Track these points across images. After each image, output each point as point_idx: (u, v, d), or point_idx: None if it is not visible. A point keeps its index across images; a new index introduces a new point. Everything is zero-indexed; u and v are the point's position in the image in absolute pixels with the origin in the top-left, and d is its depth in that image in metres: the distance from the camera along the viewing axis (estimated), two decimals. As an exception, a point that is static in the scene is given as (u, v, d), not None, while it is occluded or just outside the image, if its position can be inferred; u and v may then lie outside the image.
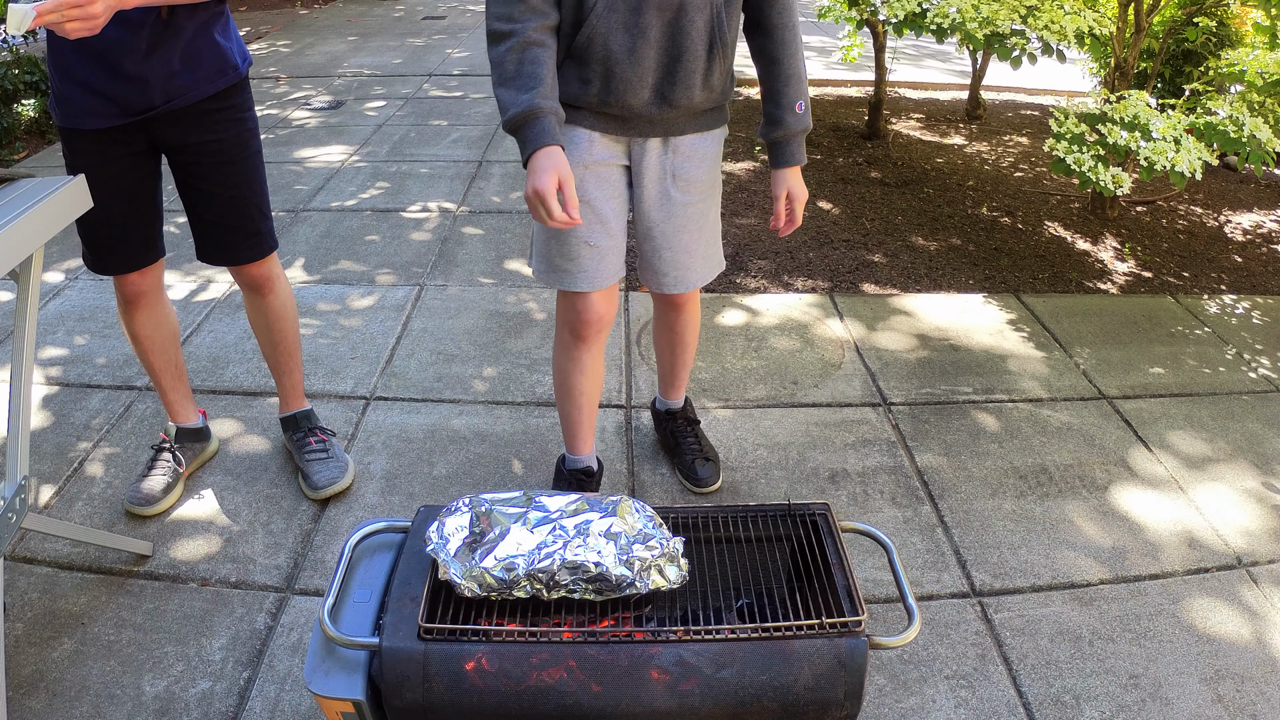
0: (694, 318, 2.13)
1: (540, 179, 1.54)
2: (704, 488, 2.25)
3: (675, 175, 1.80)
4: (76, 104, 1.76)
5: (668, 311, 2.12)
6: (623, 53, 1.63)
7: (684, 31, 1.64)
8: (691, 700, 1.25)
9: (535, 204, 1.56)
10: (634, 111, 1.71)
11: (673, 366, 2.25)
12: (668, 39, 1.65)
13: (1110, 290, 3.44)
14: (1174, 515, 2.25)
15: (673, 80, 1.68)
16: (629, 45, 1.63)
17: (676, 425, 2.33)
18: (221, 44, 1.84)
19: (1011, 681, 1.77)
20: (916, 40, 7.97)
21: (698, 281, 1.93)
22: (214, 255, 2.01)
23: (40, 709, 1.65)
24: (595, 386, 2.01)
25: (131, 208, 1.90)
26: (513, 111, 1.56)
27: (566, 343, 1.94)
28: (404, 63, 6.78)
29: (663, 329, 2.17)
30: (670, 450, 2.35)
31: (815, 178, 4.51)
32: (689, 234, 1.86)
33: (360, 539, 1.46)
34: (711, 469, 2.26)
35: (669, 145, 1.77)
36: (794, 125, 1.79)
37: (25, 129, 4.85)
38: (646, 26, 1.62)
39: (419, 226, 3.80)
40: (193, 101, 1.82)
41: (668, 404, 2.35)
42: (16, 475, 1.64)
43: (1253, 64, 3.54)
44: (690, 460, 2.27)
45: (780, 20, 1.74)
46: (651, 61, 1.66)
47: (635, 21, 1.61)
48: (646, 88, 1.68)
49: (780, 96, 1.77)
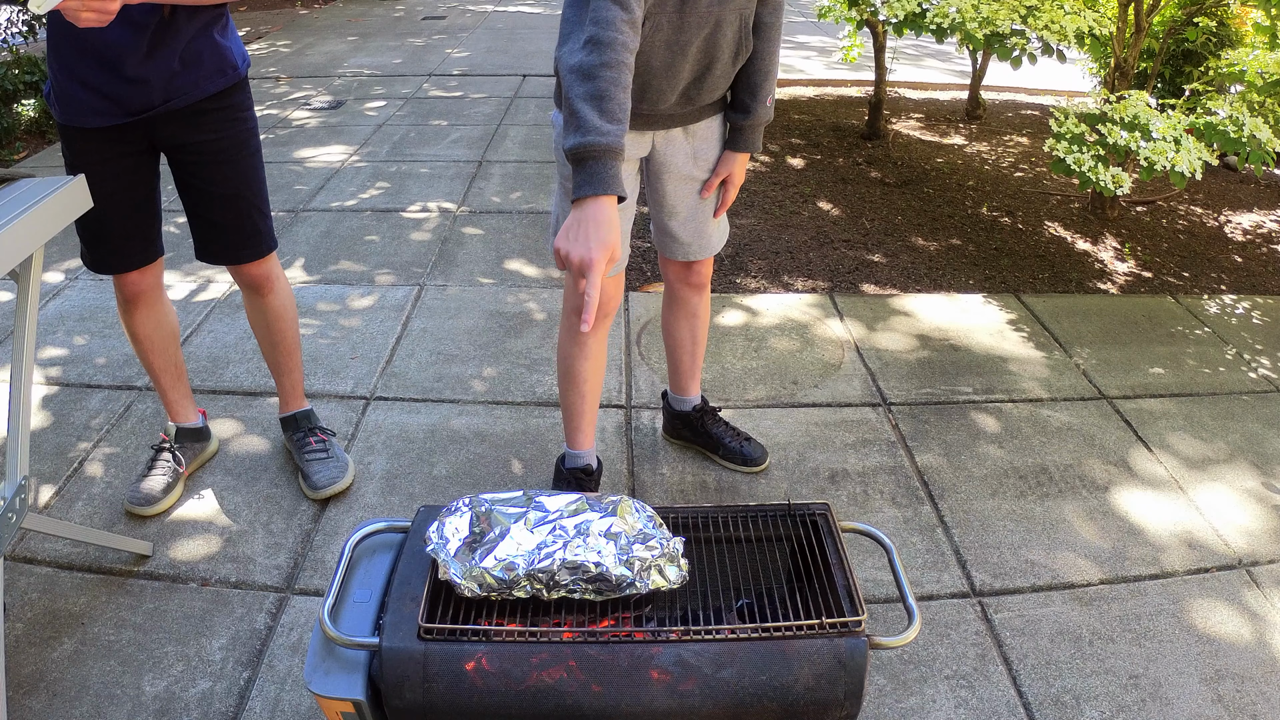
0: (708, 298, 2.22)
1: (596, 250, 1.35)
2: (760, 464, 2.35)
3: (696, 157, 1.91)
4: (77, 102, 1.76)
5: (685, 290, 2.17)
6: (661, 68, 1.70)
7: (717, 44, 1.72)
8: (691, 700, 1.25)
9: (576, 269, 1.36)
10: (661, 112, 1.79)
11: (694, 355, 2.28)
12: (702, 52, 1.72)
13: (1110, 290, 3.44)
14: (1174, 515, 2.25)
15: (700, 85, 1.77)
16: (668, 61, 1.69)
17: (707, 419, 2.37)
18: (221, 44, 1.84)
19: (1011, 681, 1.77)
20: (916, 40, 7.97)
21: (717, 245, 2.06)
22: (213, 255, 2.01)
23: (40, 709, 1.65)
24: (598, 374, 2.04)
25: (131, 207, 1.90)
26: (593, 139, 1.37)
27: (574, 327, 1.98)
28: (404, 63, 6.78)
29: (684, 316, 2.21)
30: (708, 444, 2.37)
31: (815, 178, 4.51)
32: (707, 205, 1.99)
33: (360, 539, 1.46)
34: (758, 445, 2.36)
35: (689, 132, 1.88)
36: (762, 115, 1.90)
37: (25, 129, 4.85)
38: (687, 44, 1.68)
39: (419, 226, 3.80)
40: (192, 101, 1.82)
41: (690, 400, 2.36)
42: (16, 475, 1.64)
43: (1253, 64, 3.54)
44: (736, 445, 2.34)
45: (771, 19, 1.82)
46: (685, 74, 1.73)
47: (677, 40, 1.67)
48: (675, 93, 1.76)
49: (758, 90, 1.87)
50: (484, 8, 9.36)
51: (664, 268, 2.16)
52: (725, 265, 3.52)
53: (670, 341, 2.27)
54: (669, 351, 2.30)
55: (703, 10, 1.65)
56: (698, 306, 2.20)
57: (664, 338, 2.29)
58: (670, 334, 2.26)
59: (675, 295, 2.20)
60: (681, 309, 2.21)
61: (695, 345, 2.26)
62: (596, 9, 1.45)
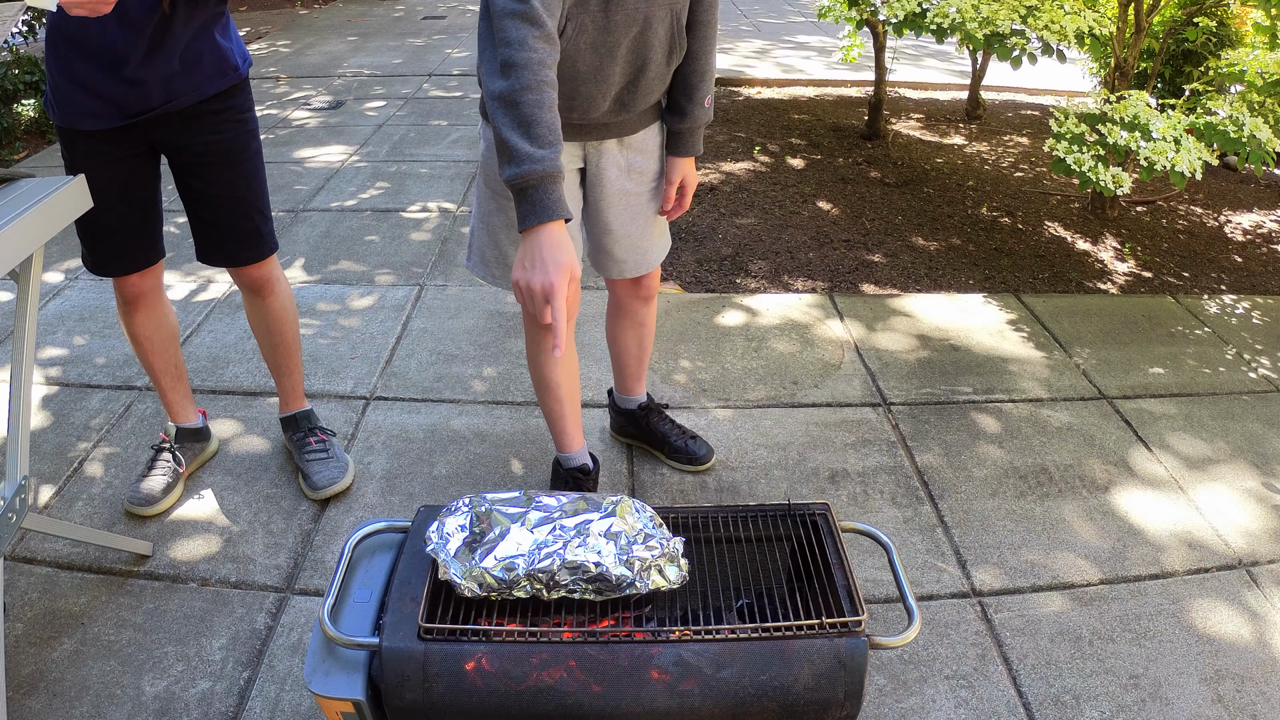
0: (655, 306, 2.18)
1: (554, 275, 1.34)
2: (706, 462, 2.32)
3: (630, 169, 1.85)
4: (76, 104, 1.75)
5: (634, 303, 2.13)
6: (589, 72, 1.64)
7: (648, 44, 1.65)
8: (691, 700, 1.25)
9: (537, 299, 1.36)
10: (592, 120, 1.73)
11: (640, 358, 2.25)
12: (632, 53, 1.66)
13: (1110, 290, 3.44)
14: (1174, 515, 2.25)
15: (634, 90, 1.71)
16: (595, 65, 1.63)
17: (651, 417, 2.34)
18: (222, 45, 1.84)
19: (1011, 681, 1.77)
20: (916, 40, 7.97)
21: (655, 261, 2.00)
22: (214, 256, 2.01)
23: (40, 709, 1.65)
24: (572, 377, 2.02)
25: (131, 209, 1.90)
26: (528, 168, 1.34)
27: (537, 337, 1.94)
28: (404, 63, 6.78)
29: (629, 323, 2.17)
30: (653, 441, 2.36)
31: (815, 178, 4.51)
32: (644, 220, 1.93)
33: (360, 539, 1.46)
34: (704, 443, 2.34)
35: (624, 144, 1.82)
36: (700, 118, 1.84)
37: (25, 129, 4.85)
38: (614, 45, 1.62)
39: (419, 226, 3.80)
40: (193, 102, 1.82)
41: (635, 399, 2.35)
42: (16, 475, 1.64)
43: (1253, 64, 3.54)
44: (682, 443, 2.31)
45: (705, 18, 1.76)
46: (616, 77, 1.67)
47: (604, 41, 1.60)
48: (608, 99, 1.70)
49: (694, 91, 1.81)
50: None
51: (608, 281, 2.10)
52: (725, 265, 3.52)
53: (616, 349, 2.24)
54: (614, 357, 2.26)
55: (630, 8, 1.58)
56: (645, 316, 2.16)
57: (609, 343, 2.24)
58: (615, 341, 2.22)
59: (622, 306, 2.16)
60: (628, 319, 2.17)
61: (642, 351, 2.23)
62: (505, 30, 1.37)
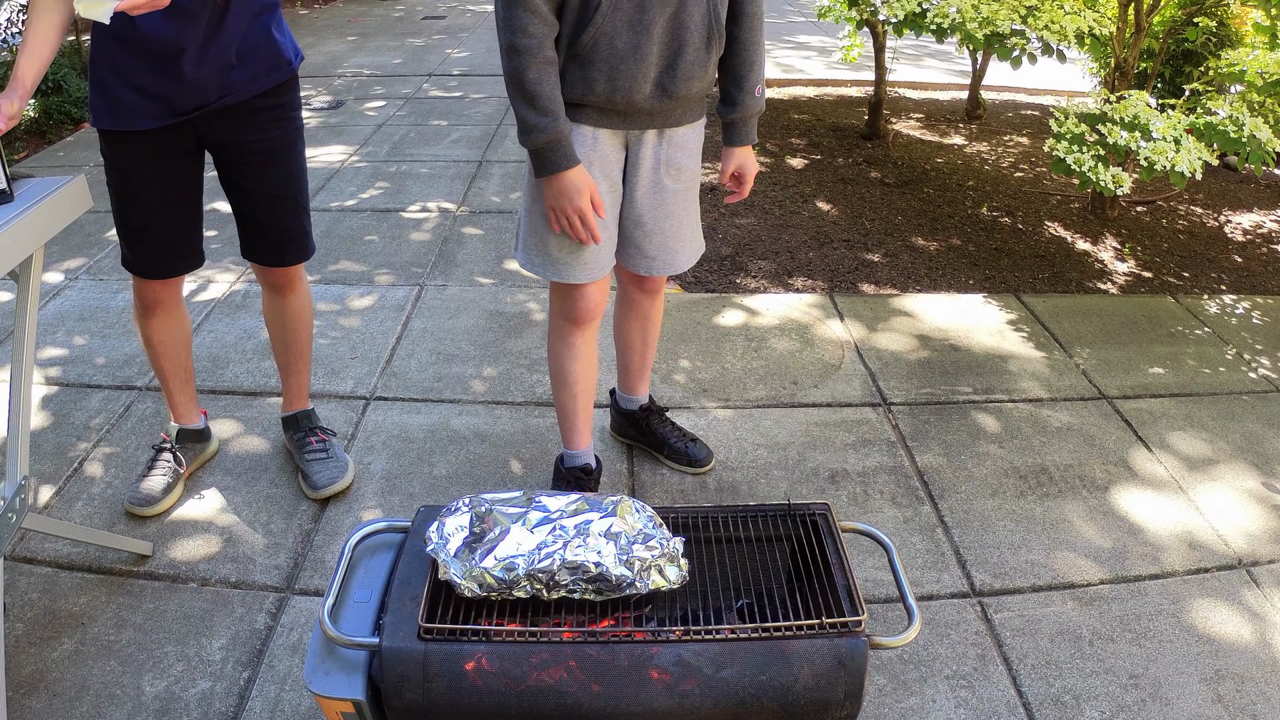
0: (661, 301, 2.20)
1: (579, 199, 1.70)
2: (706, 465, 2.32)
3: (668, 165, 1.86)
4: (126, 105, 1.72)
5: (642, 299, 2.15)
6: (627, 50, 1.67)
7: (683, 25, 1.69)
8: (691, 700, 1.25)
9: (573, 220, 1.72)
10: (636, 106, 1.75)
11: (644, 356, 2.26)
12: (669, 34, 1.70)
13: (1110, 290, 3.44)
14: (1174, 515, 2.25)
15: (674, 73, 1.74)
16: (634, 43, 1.67)
17: (652, 419, 2.35)
18: (276, 38, 1.81)
19: (1011, 681, 1.77)
20: (916, 40, 7.97)
21: (685, 264, 2.01)
22: (264, 255, 2.00)
23: (40, 709, 1.65)
24: (590, 374, 2.04)
25: (176, 211, 1.88)
26: (537, 135, 1.66)
27: (563, 331, 1.97)
28: (404, 63, 6.78)
29: (636, 318, 2.19)
30: (653, 443, 2.36)
31: (815, 178, 4.51)
32: (678, 219, 1.94)
33: (360, 539, 1.46)
34: (704, 446, 2.34)
35: (664, 137, 1.84)
36: (752, 107, 1.88)
37: (25, 129, 4.86)
38: (650, 23, 1.66)
39: (419, 226, 3.80)
40: (246, 98, 1.79)
41: (638, 400, 2.35)
42: (16, 475, 1.64)
43: (1253, 64, 3.54)
44: (682, 446, 2.32)
45: (751, 9, 1.81)
46: (655, 57, 1.71)
47: (640, 19, 1.65)
48: (649, 82, 1.73)
49: (744, 80, 1.85)
50: (484, 7, 9.36)
51: (618, 270, 2.12)
52: (725, 265, 3.53)
53: (621, 342, 2.25)
54: (619, 352, 2.28)
55: None
56: (650, 310, 2.18)
57: (615, 338, 2.27)
58: (621, 335, 2.24)
59: (628, 298, 2.17)
60: (634, 311, 2.18)
61: (646, 347, 2.24)
62: (508, 15, 1.62)
